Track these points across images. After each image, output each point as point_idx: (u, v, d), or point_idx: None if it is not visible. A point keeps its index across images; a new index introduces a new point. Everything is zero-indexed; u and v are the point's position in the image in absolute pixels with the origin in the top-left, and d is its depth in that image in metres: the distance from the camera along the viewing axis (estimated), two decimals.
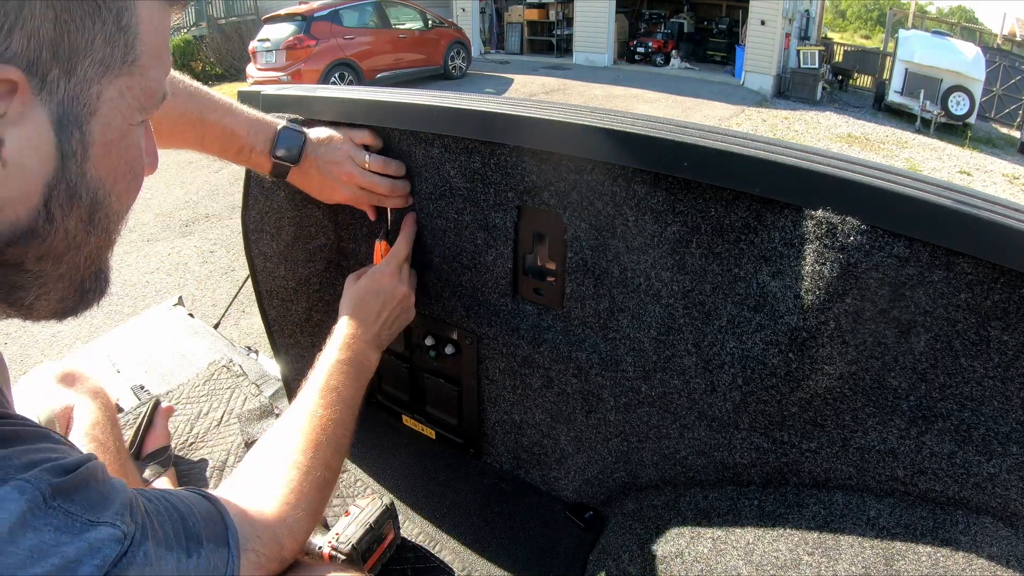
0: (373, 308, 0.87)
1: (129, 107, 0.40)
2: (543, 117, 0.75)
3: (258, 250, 1.02)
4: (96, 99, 0.37)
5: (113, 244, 0.45)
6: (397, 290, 0.89)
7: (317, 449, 0.68)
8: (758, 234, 0.67)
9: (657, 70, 13.21)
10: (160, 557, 0.43)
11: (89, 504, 0.39)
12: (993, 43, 14.26)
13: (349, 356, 0.81)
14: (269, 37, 9.28)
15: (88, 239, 0.41)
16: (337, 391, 0.76)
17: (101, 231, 0.42)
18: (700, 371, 0.77)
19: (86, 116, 0.37)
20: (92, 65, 0.36)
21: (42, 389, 0.95)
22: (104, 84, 0.38)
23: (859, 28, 48.97)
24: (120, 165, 0.41)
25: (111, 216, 0.42)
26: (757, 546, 0.70)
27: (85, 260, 0.42)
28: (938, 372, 0.62)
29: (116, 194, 0.42)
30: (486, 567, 0.94)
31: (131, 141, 0.42)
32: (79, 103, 0.37)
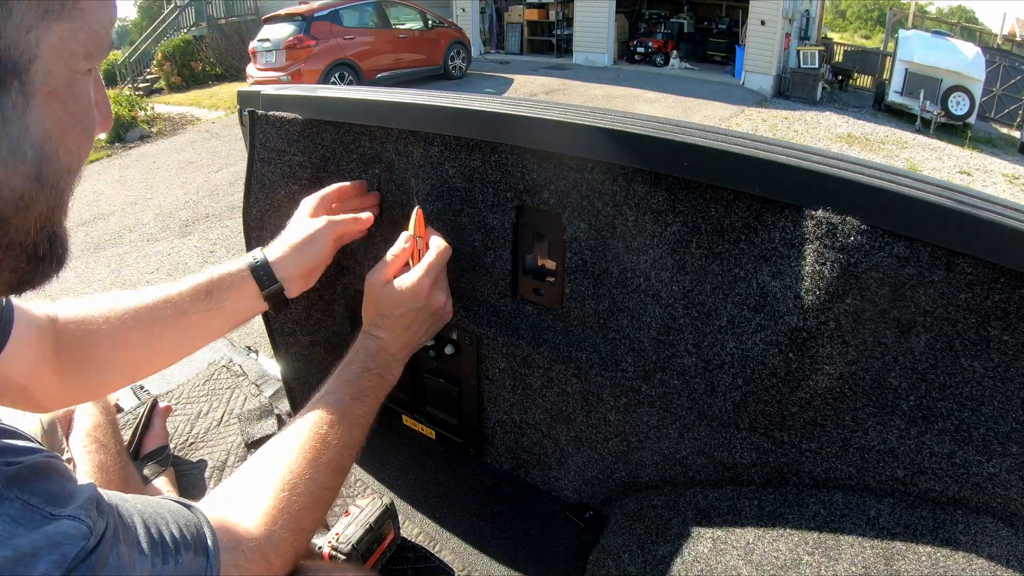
0: (406, 319, 0.78)
1: (73, 54, 0.37)
2: (543, 117, 0.75)
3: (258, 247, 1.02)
4: (35, 45, 0.35)
5: (66, 206, 0.42)
6: (435, 300, 0.80)
7: (314, 468, 0.64)
8: (758, 234, 0.67)
9: (657, 70, 13.20)
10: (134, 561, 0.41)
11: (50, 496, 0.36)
12: (993, 43, 14.26)
13: (370, 370, 0.75)
14: (269, 37, 9.28)
15: (37, 199, 0.38)
16: (347, 409, 0.71)
17: (50, 189, 0.38)
18: (700, 371, 0.77)
19: (25, 63, 0.34)
20: (30, 9, 0.34)
21: None
22: (43, 29, 0.35)
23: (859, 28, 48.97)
24: (66, 117, 0.38)
25: (60, 172, 0.39)
26: (757, 546, 0.70)
27: (36, 223, 0.39)
28: (938, 372, 0.62)
29: (64, 148, 0.39)
30: (486, 567, 0.94)
31: (78, 91, 0.39)
32: (16, 50, 0.34)
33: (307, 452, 0.65)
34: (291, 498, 0.60)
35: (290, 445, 0.66)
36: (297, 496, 0.61)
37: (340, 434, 0.68)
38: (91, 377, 0.73)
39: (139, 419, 1.10)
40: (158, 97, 11.79)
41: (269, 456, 0.65)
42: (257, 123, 1.00)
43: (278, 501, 0.60)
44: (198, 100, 10.82)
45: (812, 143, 6.57)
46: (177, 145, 8.10)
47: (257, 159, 1.00)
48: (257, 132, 1.00)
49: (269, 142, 0.99)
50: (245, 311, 0.80)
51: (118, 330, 0.72)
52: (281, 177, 1.01)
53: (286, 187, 1.02)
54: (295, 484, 0.62)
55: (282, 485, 0.61)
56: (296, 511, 0.60)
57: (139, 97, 10.58)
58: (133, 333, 0.73)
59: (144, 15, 24.07)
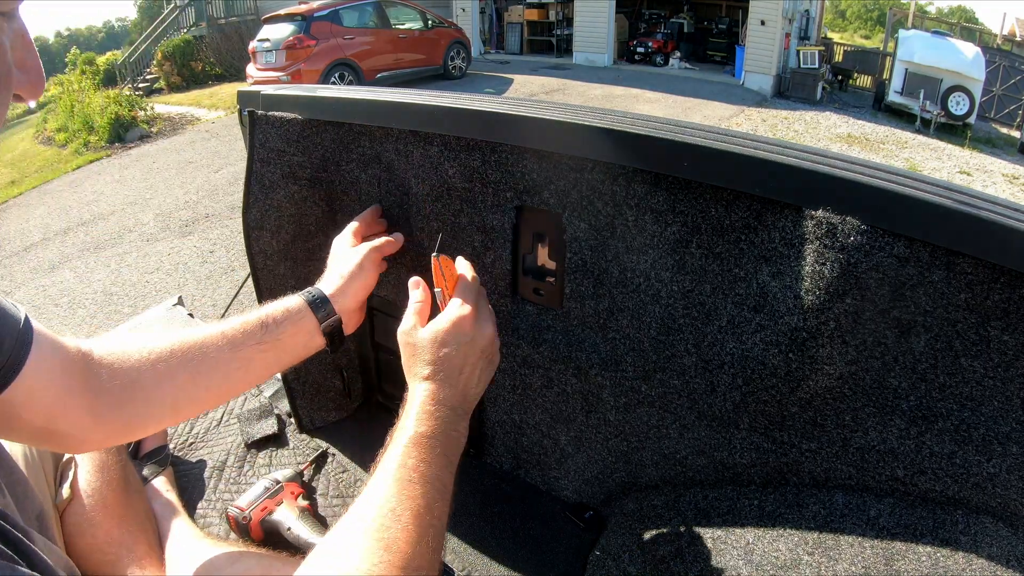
0: (455, 360, 0.65)
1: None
2: (543, 117, 0.75)
3: (258, 248, 1.02)
4: None
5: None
6: (483, 332, 0.68)
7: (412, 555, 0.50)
8: (758, 234, 0.67)
9: (657, 70, 13.20)
10: None
11: None
12: (993, 43, 14.26)
13: (432, 429, 0.61)
14: (269, 37, 9.28)
15: None
16: (420, 471, 0.57)
17: None
18: (700, 371, 0.77)
19: None
20: None
21: None
22: None
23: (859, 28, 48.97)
24: None
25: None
26: (757, 546, 0.70)
27: None
28: (938, 372, 0.62)
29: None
30: (486, 567, 0.94)
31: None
32: None
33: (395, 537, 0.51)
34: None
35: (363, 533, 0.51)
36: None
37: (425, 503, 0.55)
38: (130, 416, 0.64)
39: None
40: (158, 97, 11.79)
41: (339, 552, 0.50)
42: (257, 123, 1.00)
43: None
44: (198, 100, 10.81)
45: (812, 143, 6.57)
46: (177, 145, 8.10)
47: (257, 159, 1.00)
48: (257, 132, 1.00)
49: (269, 142, 0.99)
50: (302, 347, 0.74)
51: (162, 365, 0.65)
52: (281, 177, 1.01)
53: (285, 187, 1.01)
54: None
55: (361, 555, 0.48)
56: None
57: (139, 97, 10.58)
58: (179, 368, 0.66)
59: (144, 15, 24.07)
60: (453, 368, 0.65)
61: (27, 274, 4.52)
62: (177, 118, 9.62)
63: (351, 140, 0.97)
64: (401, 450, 0.59)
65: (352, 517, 0.53)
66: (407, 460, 0.57)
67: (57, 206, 6.19)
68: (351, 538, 0.51)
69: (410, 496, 0.54)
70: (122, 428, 0.65)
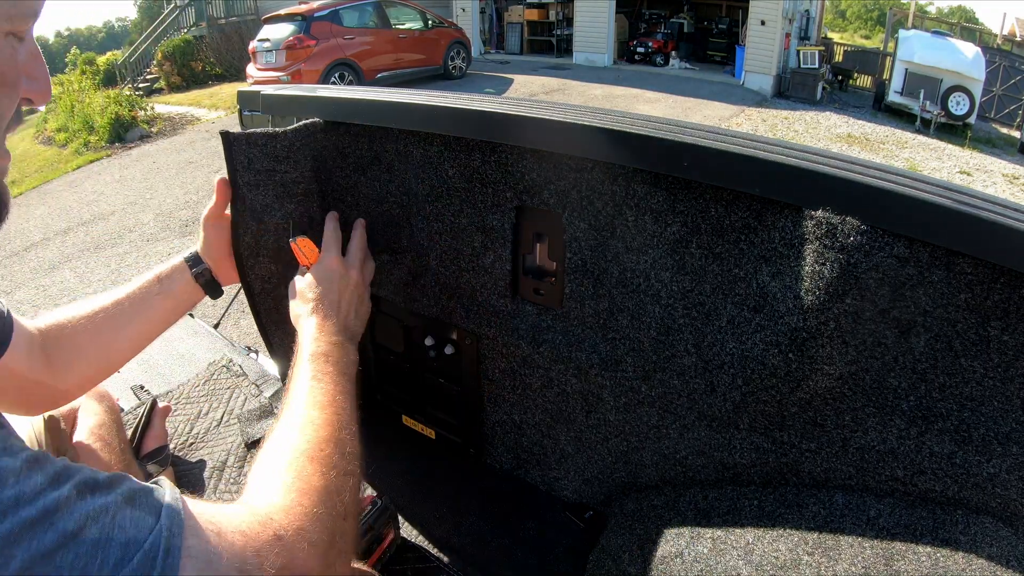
0: (326, 299, 0.79)
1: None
2: (543, 117, 0.75)
3: (255, 275, 0.94)
4: None
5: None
6: (349, 274, 0.83)
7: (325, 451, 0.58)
8: (758, 234, 0.67)
9: (657, 70, 13.20)
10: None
11: None
12: (993, 43, 14.25)
13: (322, 349, 0.73)
14: (269, 37, 9.28)
15: None
16: (319, 381, 0.68)
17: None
18: (700, 371, 0.77)
19: None
20: None
21: None
22: None
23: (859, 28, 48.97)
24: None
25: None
26: (757, 546, 0.70)
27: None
28: (938, 372, 0.62)
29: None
30: (486, 567, 0.94)
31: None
32: None
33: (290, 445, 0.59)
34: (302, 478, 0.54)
35: (283, 427, 0.62)
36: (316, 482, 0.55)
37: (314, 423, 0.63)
38: (79, 372, 0.81)
39: (139, 419, 1.10)
40: (158, 97, 11.79)
41: (266, 458, 0.59)
42: (235, 145, 0.86)
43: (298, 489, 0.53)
44: (198, 100, 10.81)
45: (812, 143, 6.57)
46: (177, 145, 8.10)
47: (243, 184, 0.88)
48: (237, 155, 0.87)
49: (254, 163, 0.89)
50: (189, 296, 0.89)
51: (91, 325, 0.81)
52: (275, 199, 0.91)
53: (281, 208, 0.93)
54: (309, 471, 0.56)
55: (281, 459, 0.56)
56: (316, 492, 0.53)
57: (139, 97, 10.58)
58: (105, 325, 0.82)
59: (144, 15, 24.07)
60: (330, 303, 0.79)
61: (27, 274, 4.52)
62: (177, 118, 9.62)
63: (346, 145, 0.95)
64: (300, 369, 0.70)
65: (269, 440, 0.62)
66: (305, 378, 0.68)
67: (57, 206, 6.19)
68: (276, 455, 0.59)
69: (318, 403, 0.65)
70: (75, 383, 0.82)
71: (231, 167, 0.87)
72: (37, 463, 0.38)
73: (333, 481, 0.56)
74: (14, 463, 0.37)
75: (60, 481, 0.38)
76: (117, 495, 0.39)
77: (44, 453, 0.40)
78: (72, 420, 0.97)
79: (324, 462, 0.57)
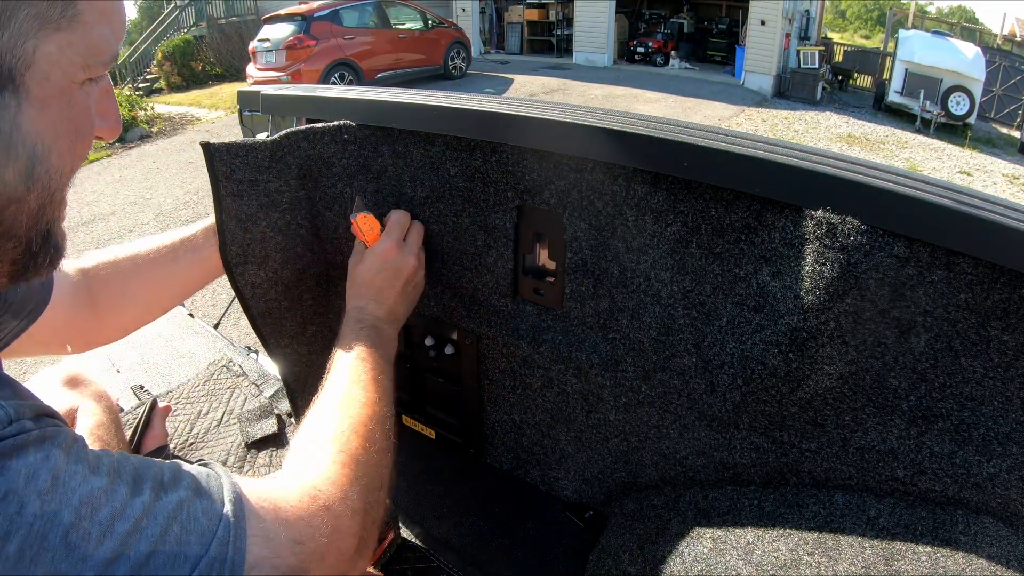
0: (378, 283, 0.83)
1: (71, 63, 0.39)
2: (543, 117, 0.75)
3: (245, 280, 0.94)
4: (32, 53, 0.37)
5: (59, 205, 0.44)
6: (406, 262, 0.85)
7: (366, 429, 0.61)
8: (758, 234, 0.67)
9: (657, 70, 13.20)
10: (72, 472, 0.37)
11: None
12: (993, 43, 14.25)
13: (365, 335, 0.76)
14: (269, 37, 9.29)
15: (28, 195, 0.40)
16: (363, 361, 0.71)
17: (41, 188, 0.41)
18: (700, 371, 0.77)
19: (20, 69, 0.37)
20: (28, 19, 0.36)
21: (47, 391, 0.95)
22: (41, 38, 0.37)
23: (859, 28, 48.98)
24: (61, 122, 0.41)
25: (51, 173, 0.41)
26: (757, 546, 0.70)
27: (28, 218, 0.41)
28: (938, 372, 0.62)
29: (57, 151, 0.41)
30: (486, 567, 0.94)
31: (75, 99, 0.41)
32: (13, 56, 0.36)
33: (347, 419, 0.62)
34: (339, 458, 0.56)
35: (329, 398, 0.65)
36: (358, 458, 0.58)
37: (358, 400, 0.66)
38: (125, 314, 0.84)
39: (139, 419, 1.10)
40: (158, 97, 11.79)
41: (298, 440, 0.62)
42: (216, 155, 0.87)
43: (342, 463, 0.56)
44: (198, 100, 10.82)
45: (812, 143, 6.57)
46: (177, 145, 8.10)
47: (227, 194, 0.88)
48: (218, 166, 0.88)
49: (236, 173, 0.89)
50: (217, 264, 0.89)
51: (144, 268, 0.83)
52: (259, 208, 0.91)
53: (267, 217, 0.93)
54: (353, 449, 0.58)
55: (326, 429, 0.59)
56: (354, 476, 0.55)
57: (139, 97, 10.58)
58: (157, 271, 0.83)
59: (144, 15, 24.05)
60: (378, 287, 0.82)
61: None
62: (177, 118, 9.63)
63: (331, 153, 0.94)
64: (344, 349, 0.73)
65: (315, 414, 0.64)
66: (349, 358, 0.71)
67: None
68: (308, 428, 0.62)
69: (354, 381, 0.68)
70: (118, 324, 0.85)
71: (213, 177, 0.88)
72: (116, 472, 0.40)
73: (374, 455, 0.60)
74: (101, 481, 0.38)
75: (139, 486, 0.40)
76: (186, 489, 0.41)
77: (114, 455, 0.41)
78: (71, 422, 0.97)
79: (367, 437, 0.61)
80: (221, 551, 0.39)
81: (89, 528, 0.35)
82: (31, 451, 0.36)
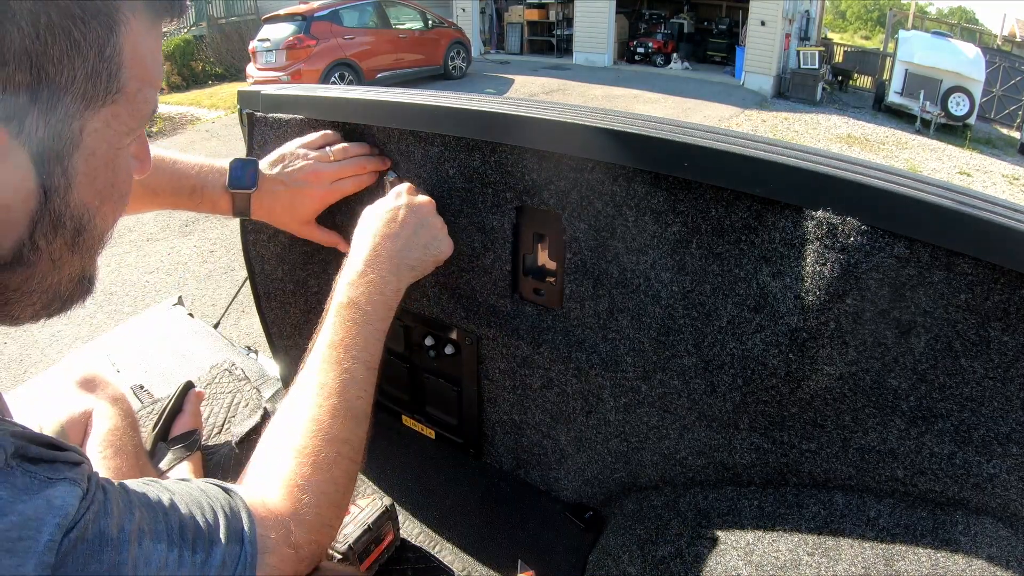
0: (395, 221, 0.76)
1: (116, 133, 0.40)
2: (543, 117, 0.76)
3: (256, 251, 1.00)
4: (79, 133, 0.37)
5: (96, 258, 0.46)
6: (429, 209, 0.79)
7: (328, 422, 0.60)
8: (758, 234, 0.67)
9: (657, 70, 13.21)
10: (148, 551, 0.39)
11: (51, 465, 0.37)
12: (993, 44, 14.26)
13: (358, 295, 0.70)
14: (269, 37, 9.29)
15: (72, 259, 0.42)
16: (344, 345, 0.66)
17: (85, 251, 0.43)
18: (700, 371, 0.77)
19: (69, 150, 0.37)
20: (74, 101, 0.36)
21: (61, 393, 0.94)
22: (87, 117, 0.37)
23: (859, 29, 49.00)
24: (105, 188, 0.42)
25: (95, 237, 0.43)
26: (757, 546, 0.70)
27: (68, 276, 0.43)
28: (938, 373, 0.62)
29: (101, 215, 0.43)
30: (486, 567, 0.94)
31: (119, 164, 0.42)
32: (60, 140, 0.36)
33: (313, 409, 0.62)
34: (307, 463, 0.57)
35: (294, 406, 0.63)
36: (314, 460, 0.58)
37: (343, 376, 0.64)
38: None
39: (169, 401, 1.08)
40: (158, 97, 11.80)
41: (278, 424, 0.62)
42: (256, 125, 0.99)
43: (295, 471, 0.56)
44: (198, 100, 10.82)
45: (812, 143, 6.57)
46: (177, 144, 8.10)
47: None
48: (256, 134, 0.99)
49: (267, 144, 0.98)
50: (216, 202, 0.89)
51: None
52: None
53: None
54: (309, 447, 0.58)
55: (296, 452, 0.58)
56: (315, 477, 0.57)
57: None
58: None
59: None
60: (393, 226, 0.76)
61: None
62: (177, 118, 9.62)
63: (351, 140, 0.96)
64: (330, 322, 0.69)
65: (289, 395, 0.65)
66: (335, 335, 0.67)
67: None
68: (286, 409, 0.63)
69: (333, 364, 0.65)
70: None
71: (249, 144, 0.96)
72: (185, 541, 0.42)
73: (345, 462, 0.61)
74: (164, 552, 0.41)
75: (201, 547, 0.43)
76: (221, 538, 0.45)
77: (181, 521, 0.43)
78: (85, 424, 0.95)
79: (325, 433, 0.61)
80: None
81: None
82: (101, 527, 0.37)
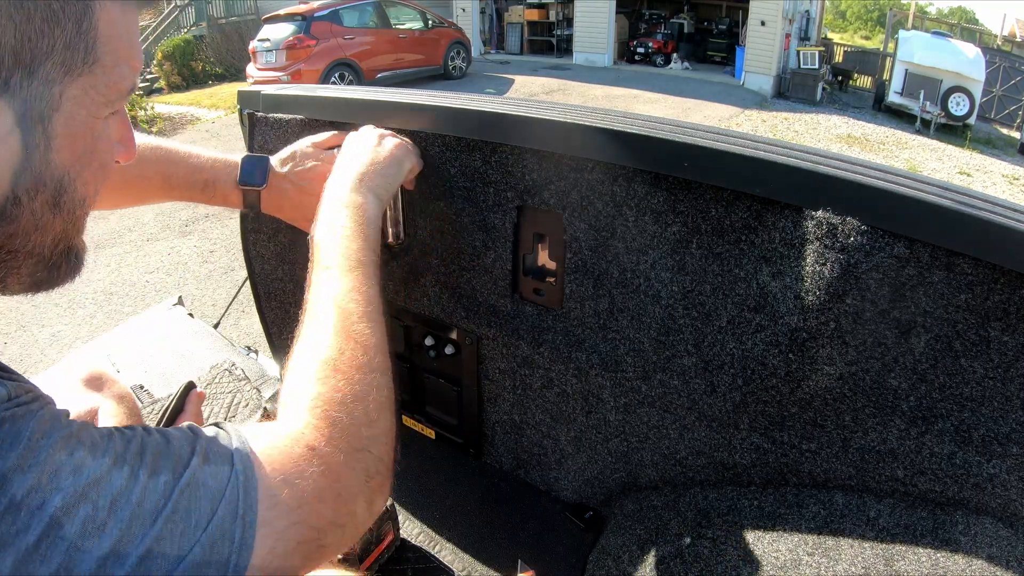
0: (352, 151, 0.78)
1: (94, 103, 0.43)
2: (543, 117, 0.76)
3: (256, 251, 1.00)
4: (59, 97, 0.41)
5: (81, 226, 0.48)
6: (387, 137, 0.80)
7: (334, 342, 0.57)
8: (758, 234, 0.67)
9: (657, 70, 13.20)
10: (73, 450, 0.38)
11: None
12: (993, 44, 14.26)
13: (331, 218, 0.70)
14: (269, 37, 9.28)
15: (54, 221, 0.44)
16: (327, 267, 0.65)
17: (67, 214, 0.45)
18: (700, 371, 0.77)
19: (49, 112, 0.41)
20: (54, 67, 0.40)
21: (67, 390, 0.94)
22: (66, 84, 0.41)
23: (859, 29, 48.99)
24: (85, 155, 0.45)
25: (76, 200, 0.46)
26: (757, 546, 0.70)
27: (52, 240, 0.45)
28: (938, 373, 0.62)
29: (81, 180, 0.45)
30: (486, 567, 0.94)
31: (98, 133, 0.46)
32: (41, 101, 0.40)
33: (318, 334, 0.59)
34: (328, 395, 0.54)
35: (303, 340, 0.60)
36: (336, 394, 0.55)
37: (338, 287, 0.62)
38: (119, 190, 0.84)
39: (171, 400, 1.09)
40: (158, 97, 11.78)
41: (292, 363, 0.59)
42: (257, 124, 0.99)
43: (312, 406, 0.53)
44: (198, 100, 10.81)
45: (812, 143, 6.58)
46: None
47: None
48: (256, 134, 0.99)
49: (267, 144, 0.98)
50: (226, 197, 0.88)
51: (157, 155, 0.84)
52: None
53: None
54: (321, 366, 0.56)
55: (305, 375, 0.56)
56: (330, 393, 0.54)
57: (139, 97, 10.56)
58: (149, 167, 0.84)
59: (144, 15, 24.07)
60: (351, 156, 0.77)
61: None
62: (177, 118, 9.62)
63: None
64: (315, 260, 0.67)
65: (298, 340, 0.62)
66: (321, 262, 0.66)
67: None
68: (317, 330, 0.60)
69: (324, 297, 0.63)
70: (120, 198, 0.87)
71: (249, 144, 0.96)
72: (154, 468, 0.41)
73: (356, 387, 0.56)
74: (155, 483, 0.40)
75: (178, 470, 0.42)
76: (197, 459, 0.44)
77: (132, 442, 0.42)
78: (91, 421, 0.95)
79: (344, 368, 0.57)
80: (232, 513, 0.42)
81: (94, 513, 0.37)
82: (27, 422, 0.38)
